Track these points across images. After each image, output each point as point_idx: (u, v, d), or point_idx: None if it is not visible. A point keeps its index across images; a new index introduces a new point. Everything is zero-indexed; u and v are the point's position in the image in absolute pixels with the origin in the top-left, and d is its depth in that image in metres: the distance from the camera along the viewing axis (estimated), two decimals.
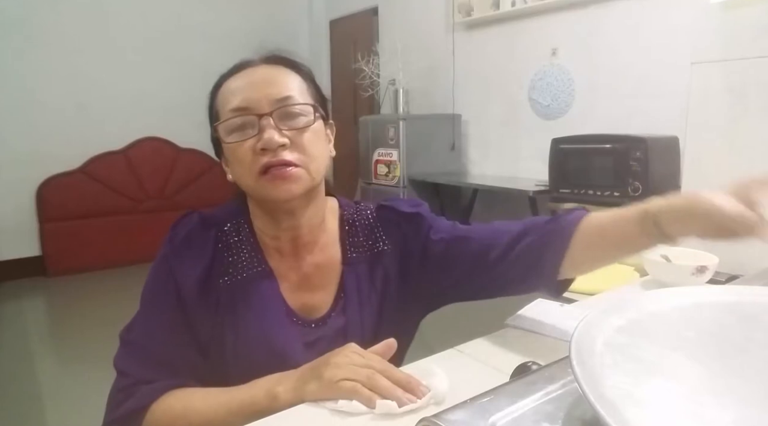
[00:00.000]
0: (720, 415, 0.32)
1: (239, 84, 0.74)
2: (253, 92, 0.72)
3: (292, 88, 0.74)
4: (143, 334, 0.73)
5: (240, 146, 0.71)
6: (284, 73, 0.76)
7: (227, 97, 0.74)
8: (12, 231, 3.85)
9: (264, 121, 0.70)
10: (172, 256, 0.75)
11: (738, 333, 0.43)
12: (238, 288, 0.75)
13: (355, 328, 0.79)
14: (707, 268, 0.91)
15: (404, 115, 3.55)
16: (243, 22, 4.66)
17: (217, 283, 0.75)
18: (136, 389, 0.69)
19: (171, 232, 0.77)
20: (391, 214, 0.85)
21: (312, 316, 0.79)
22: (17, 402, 2.21)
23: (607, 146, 2.31)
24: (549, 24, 3.05)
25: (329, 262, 0.81)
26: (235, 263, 0.77)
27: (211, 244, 0.76)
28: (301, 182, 0.71)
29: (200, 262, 0.75)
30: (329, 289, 0.80)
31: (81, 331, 2.98)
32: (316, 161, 0.73)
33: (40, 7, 3.84)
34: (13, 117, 3.81)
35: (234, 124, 0.72)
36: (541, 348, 0.77)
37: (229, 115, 0.72)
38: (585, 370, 0.34)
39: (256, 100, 0.71)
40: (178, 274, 0.74)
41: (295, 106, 0.73)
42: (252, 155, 0.70)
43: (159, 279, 0.75)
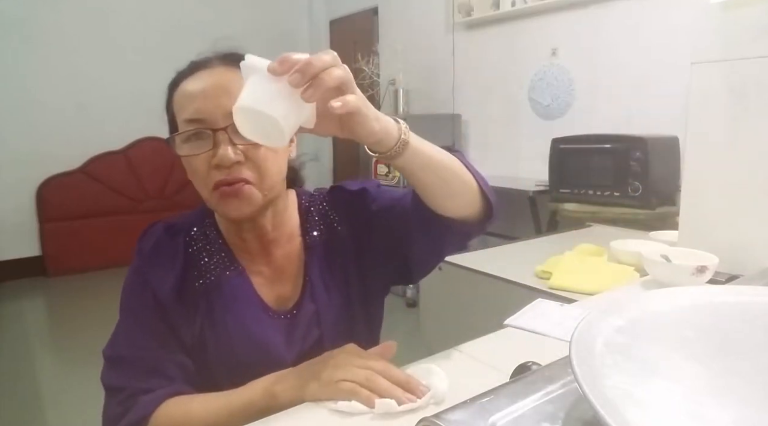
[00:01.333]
0: (720, 415, 0.32)
1: (193, 89, 0.71)
2: (207, 102, 0.69)
3: None
4: (128, 346, 0.73)
5: (194, 159, 0.69)
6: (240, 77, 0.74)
7: (182, 103, 0.72)
8: (12, 231, 3.85)
9: (219, 136, 0.67)
10: (144, 266, 0.75)
11: (738, 333, 0.43)
12: (213, 289, 0.75)
13: (327, 313, 0.79)
14: (707, 268, 0.91)
15: (404, 115, 3.55)
16: (243, 22, 4.67)
17: (193, 287, 0.75)
18: (134, 401, 0.68)
19: (138, 245, 0.77)
20: (341, 194, 0.85)
21: (285, 306, 0.79)
22: (17, 402, 2.21)
23: (607, 146, 2.31)
24: (549, 24, 3.05)
25: (293, 253, 0.82)
26: (207, 265, 0.77)
27: (181, 250, 0.76)
28: (252, 202, 0.70)
29: (173, 269, 0.74)
30: (296, 278, 0.81)
31: (81, 331, 2.98)
32: (270, 176, 0.71)
33: (40, 7, 3.84)
34: (13, 117, 3.81)
35: (186, 136, 0.70)
36: (541, 348, 0.77)
37: (184, 126, 0.70)
38: (585, 370, 0.34)
39: (210, 111, 0.68)
40: (153, 283, 0.73)
41: None
42: (206, 168, 0.69)
43: (134, 291, 0.75)
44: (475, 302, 1.31)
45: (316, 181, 4.98)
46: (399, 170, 0.65)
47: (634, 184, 2.19)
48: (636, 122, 2.62)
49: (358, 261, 0.82)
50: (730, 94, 0.93)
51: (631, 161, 2.20)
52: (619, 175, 2.25)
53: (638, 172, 2.18)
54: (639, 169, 2.18)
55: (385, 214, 0.80)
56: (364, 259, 0.82)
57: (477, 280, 1.30)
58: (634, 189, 2.20)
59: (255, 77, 0.53)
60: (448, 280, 1.38)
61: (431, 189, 0.67)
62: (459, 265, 1.36)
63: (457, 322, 1.36)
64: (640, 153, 2.17)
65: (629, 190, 2.21)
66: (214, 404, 0.67)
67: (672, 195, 2.19)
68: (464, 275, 1.33)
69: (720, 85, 0.94)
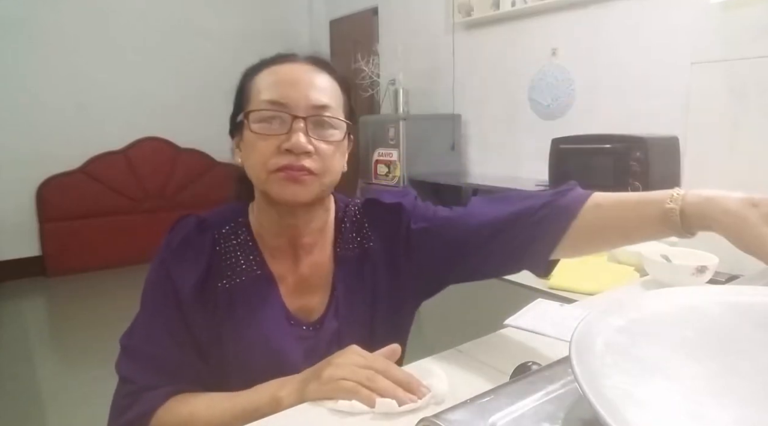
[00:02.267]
0: (720, 415, 0.32)
1: (280, 76, 0.73)
2: (293, 90, 0.71)
3: (331, 96, 0.74)
4: (144, 339, 0.73)
5: (265, 138, 0.70)
6: (326, 79, 0.75)
7: (265, 86, 0.72)
8: (12, 231, 3.85)
9: (297, 124, 0.69)
10: (169, 260, 0.74)
11: (738, 333, 0.43)
12: (238, 291, 0.75)
13: (348, 331, 0.78)
14: (707, 268, 0.91)
15: (404, 115, 3.55)
16: (243, 22, 4.67)
17: (215, 287, 0.74)
18: (140, 395, 0.69)
19: (167, 236, 0.77)
20: (376, 208, 0.85)
21: (309, 318, 0.78)
22: (17, 402, 2.21)
23: (607, 146, 2.31)
24: (549, 24, 3.05)
25: (324, 263, 0.81)
26: (233, 266, 0.76)
27: (208, 247, 0.75)
28: (310, 190, 0.71)
29: (197, 265, 0.74)
30: (324, 291, 0.80)
31: (81, 331, 2.98)
32: (332, 175, 0.73)
33: (40, 7, 3.84)
34: (13, 117, 3.81)
35: (265, 115, 0.71)
36: (541, 348, 0.77)
37: (265, 105, 0.71)
38: (585, 370, 0.34)
39: (295, 99, 0.70)
40: (175, 278, 0.73)
41: (331, 118, 0.72)
42: (275, 151, 0.69)
43: (157, 283, 0.74)
44: (475, 302, 1.31)
45: None
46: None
47: (634, 184, 2.19)
48: (636, 122, 2.61)
49: (390, 279, 0.81)
50: (730, 94, 0.93)
51: (631, 161, 2.20)
52: (619, 175, 2.25)
53: (638, 172, 2.18)
54: (639, 169, 2.18)
55: (430, 235, 0.80)
56: (398, 278, 0.82)
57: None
58: (634, 189, 2.20)
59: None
60: None
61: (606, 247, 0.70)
62: None
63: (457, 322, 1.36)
64: (640, 153, 2.17)
65: (629, 190, 2.21)
66: (220, 405, 0.67)
67: None
68: None
69: (720, 85, 0.94)
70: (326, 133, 0.72)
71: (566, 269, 1.17)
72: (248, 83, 0.76)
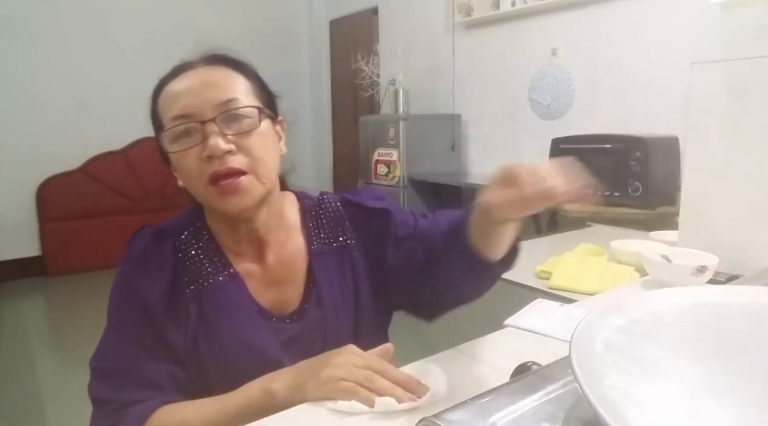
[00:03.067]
0: (720, 415, 0.32)
1: (179, 88, 0.71)
2: (193, 98, 0.69)
3: (235, 89, 0.71)
4: (115, 357, 0.71)
5: (185, 155, 0.69)
6: (226, 74, 0.73)
7: (168, 104, 0.71)
8: (12, 231, 3.85)
9: (207, 128, 0.67)
10: (132, 273, 0.72)
11: (738, 333, 0.43)
12: (206, 295, 0.73)
13: (334, 319, 0.78)
14: (707, 268, 0.91)
15: (404, 115, 3.55)
16: (243, 22, 4.66)
17: (183, 294, 0.73)
18: (124, 413, 0.66)
19: (127, 250, 0.75)
20: (358, 210, 0.84)
21: (285, 311, 0.78)
22: (17, 402, 2.21)
23: (607, 146, 2.31)
24: (549, 24, 3.05)
25: (293, 255, 0.80)
26: (198, 271, 0.74)
27: (170, 255, 0.74)
28: (252, 193, 0.70)
29: (162, 275, 0.72)
30: (297, 281, 0.79)
31: (81, 331, 2.98)
32: (264, 165, 0.71)
33: (40, 7, 3.84)
34: (13, 117, 3.81)
35: (177, 132, 0.69)
36: (541, 348, 0.77)
37: (171, 123, 0.69)
38: (585, 370, 0.34)
39: (198, 105, 0.68)
40: (141, 290, 0.71)
41: (238, 109, 0.70)
42: (198, 163, 0.68)
43: (121, 298, 0.73)
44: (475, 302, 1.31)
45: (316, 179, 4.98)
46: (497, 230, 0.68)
47: (634, 184, 2.19)
48: (636, 122, 2.61)
49: (373, 280, 0.82)
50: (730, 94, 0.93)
51: (631, 161, 2.20)
52: (619, 175, 2.25)
53: (638, 172, 2.18)
54: (639, 169, 2.18)
55: (414, 242, 0.80)
56: (381, 280, 0.82)
57: None
58: (634, 189, 2.20)
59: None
60: None
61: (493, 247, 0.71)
62: None
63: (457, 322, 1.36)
64: (640, 153, 2.17)
65: (629, 190, 2.21)
66: (209, 409, 0.66)
67: (672, 195, 2.19)
68: None
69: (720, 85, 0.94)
70: (241, 125, 0.70)
71: (566, 269, 1.17)
72: (155, 107, 0.74)
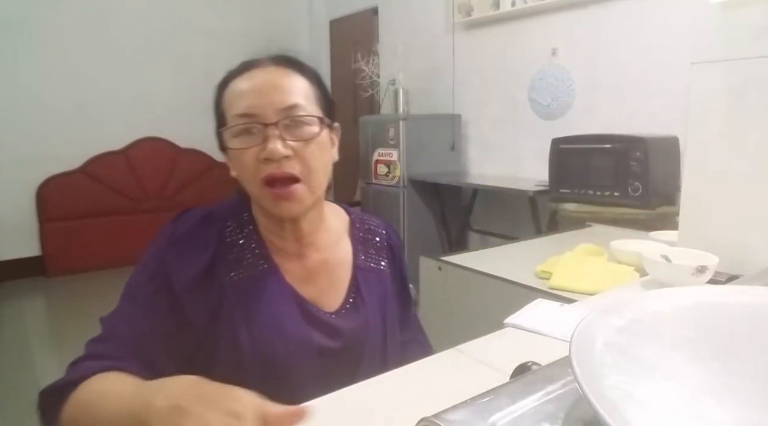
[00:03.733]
0: (720, 415, 0.32)
1: (245, 87, 0.73)
2: (258, 98, 0.71)
3: (299, 94, 0.73)
4: (116, 318, 0.72)
5: (244, 152, 0.71)
6: (291, 76, 0.75)
7: (233, 100, 0.73)
8: (12, 231, 3.85)
9: (269, 131, 0.70)
10: (168, 250, 0.73)
11: (738, 333, 0.43)
12: (247, 284, 0.75)
13: (371, 330, 0.81)
14: (707, 268, 0.91)
15: (404, 115, 3.55)
16: (243, 22, 4.67)
17: (221, 279, 0.74)
18: (80, 364, 0.67)
19: (170, 226, 0.76)
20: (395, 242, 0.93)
21: (323, 307, 0.80)
22: (17, 402, 2.21)
23: (607, 146, 2.31)
24: (549, 24, 3.05)
25: (341, 260, 0.84)
26: (239, 260, 0.76)
27: (214, 240, 0.75)
28: (303, 201, 0.73)
29: (202, 258, 0.73)
30: (340, 286, 0.82)
31: (81, 331, 2.96)
32: (318, 174, 0.74)
33: (40, 7, 3.84)
34: (13, 117, 3.81)
35: (238, 130, 0.72)
36: (541, 348, 0.77)
37: (235, 120, 0.72)
38: (585, 370, 0.34)
39: (262, 107, 0.71)
40: (171, 269, 0.72)
41: (300, 117, 0.72)
42: (255, 163, 0.71)
43: (147, 270, 0.73)
44: (475, 302, 1.31)
45: None
46: None
47: (634, 184, 2.19)
48: (636, 122, 2.62)
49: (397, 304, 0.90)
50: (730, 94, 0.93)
51: (631, 161, 2.20)
52: (619, 175, 2.25)
53: (638, 172, 2.18)
54: (639, 169, 2.18)
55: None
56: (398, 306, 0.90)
57: (477, 280, 1.29)
58: (634, 189, 2.20)
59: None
60: (448, 280, 1.38)
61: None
62: (459, 265, 1.36)
63: (457, 322, 1.36)
64: (640, 153, 2.17)
65: (629, 190, 2.21)
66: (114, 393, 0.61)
67: (672, 195, 2.19)
68: (464, 275, 1.33)
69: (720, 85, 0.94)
70: (302, 132, 0.72)
71: (566, 269, 1.17)
72: (220, 99, 0.77)
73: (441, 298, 1.44)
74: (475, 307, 1.31)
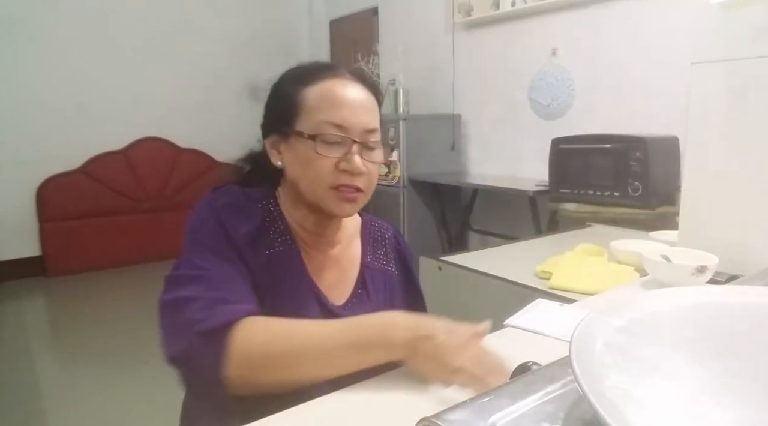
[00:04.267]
0: (720, 415, 0.32)
1: (340, 97, 0.77)
2: (353, 114, 0.77)
3: (378, 120, 0.82)
4: (200, 267, 0.70)
5: (324, 158, 0.75)
6: (371, 98, 0.81)
7: (325, 104, 0.76)
8: (12, 231, 3.85)
9: (355, 147, 0.76)
10: (220, 211, 0.75)
11: (738, 333, 0.43)
12: (277, 264, 0.78)
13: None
14: (707, 268, 0.91)
15: (404, 115, 3.55)
16: (243, 22, 4.67)
17: (260, 252, 0.77)
18: (218, 308, 0.64)
19: (210, 196, 0.78)
20: (404, 247, 0.96)
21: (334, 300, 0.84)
22: (17, 402, 2.21)
23: (607, 146, 2.31)
24: (549, 24, 3.05)
25: (347, 258, 0.88)
26: (273, 241, 0.79)
27: (259, 213, 0.79)
28: (357, 207, 0.80)
29: (250, 222, 0.77)
30: (346, 282, 0.86)
31: (81, 331, 2.98)
32: (373, 189, 0.82)
33: (40, 7, 3.84)
34: (13, 117, 3.81)
35: (332, 139, 0.76)
36: (541, 348, 0.77)
37: (327, 128, 0.75)
38: (585, 370, 0.34)
39: (355, 124, 0.76)
40: (228, 226, 0.74)
41: (377, 142, 0.80)
42: (333, 170, 0.76)
43: (207, 225, 0.74)
44: (475, 302, 1.31)
45: None
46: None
47: (634, 184, 2.19)
48: (636, 122, 2.62)
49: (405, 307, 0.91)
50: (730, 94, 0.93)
51: (631, 161, 2.20)
52: (619, 175, 2.25)
53: (638, 172, 2.18)
54: (639, 169, 2.18)
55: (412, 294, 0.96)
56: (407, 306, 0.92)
57: (477, 280, 1.30)
58: (634, 189, 2.20)
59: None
60: (448, 280, 1.38)
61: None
62: (459, 265, 1.36)
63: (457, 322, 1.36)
64: (640, 153, 2.17)
65: (629, 190, 2.21)
66: (319, 329, 0.66)
67: (672, 195, 2.19)
68: (464, 275, 1.33)
69: (720, 85, 0.94)
70: (374, 155, 0.80)
71: (566, 269, 1.17)
72: (295, 93, 0.78)
73: (441, 298, 1.44)
74: (475, 307, 1.31)
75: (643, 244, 1.21)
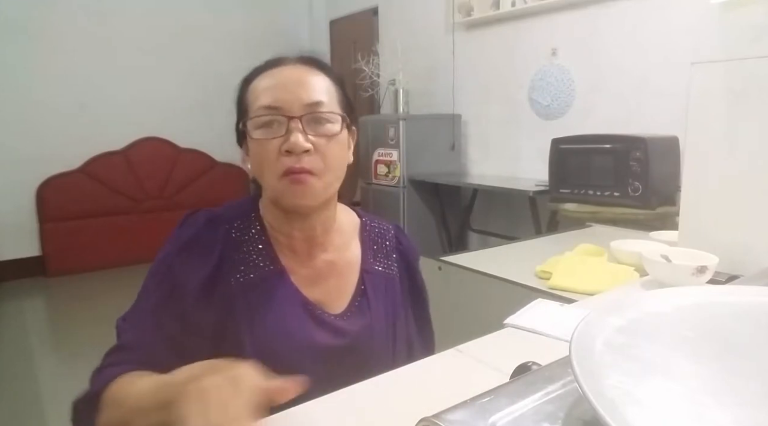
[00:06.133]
0: (720, 415, 0.32)
1: (272, 82, 0.75)
2: (285, 92, 0.73)
3: (323, 92, 0.75)
4: (130, 325, 0.73)
5: (265, 144, 0.72)
6: (316, 75, 0.77)
7: (258, 93, 0.75)
8: (12, 231, 3.85)
9: (292, 124, 0.71)
10: (174, 255, 0.74)
11: (738, 333, 0.43)
12: (251, 286, 0.75)
13: (378, 332, 0.81)
14: (707, 268, 0.91)
15: (404, 115, 3.55)
16: (243, 23, 4.67)
17: (227, 282, 0.74)
18: (101, 373, 0.69)
19: (176, 232, 0.77)
20: (408, 248, 0.94)
21: (331, 310, 0.80)
22: (17, 402, 2.21)
23: (607, 146, 2.31)
24: (549, 24, 3.05)
25: (345, 262, 0.83)
26: (245, 261, 0.76)
27: (220, 242, 0.76)
28: (315, 193, 0.74)
29: (207, 262, 0.74)
30: (347, 288, 0.82)
31: (81, 331, 2.98)
32: (333, 172, 0.75)
33: (40, 7, 3.85)
34: (13, 117, 3.81)
35: (262, 121, 0.73)
36: (541, 348, 0.77)
37: (259, 112, 0.73)
38: (585, 370, 0.34)
39: (288, 101, 0.72)
40: (178, 274, 0.73)
41: (324, 113, 0.74)
42: (276, 156, 0.72)
43: (157, 273, 0.75)
44: (475, 302, 1.31)
45: None
46: None
47: (634, 184, 2.19)
48: (636, 122, 2.62)
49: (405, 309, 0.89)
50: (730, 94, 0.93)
51: (631, 161, 2.20)
52: (619, 175, 2.25)
53: (638, 172, 2.18)
54: (639, 169, 2.18)
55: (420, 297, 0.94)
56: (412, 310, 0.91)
57: (477, 280, 1.29)
58: (634, 189, 2.20)
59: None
60: (448, 280, 1.38)
61: None
62: (459, 265, 1.36)
63: (457, 322, 1.36)
64: (640, 153, 2.17)
65: (629, 190, 2.21)
66: (141, 386, 0.62)
67: (672, 195, 2.19)
68: (464, 275, 1.33)
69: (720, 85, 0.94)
70: (323, 129, 0.74)
71: (566, 269, 1.17)
72: (245, 92, 0.78)
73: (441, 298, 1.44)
74: (475, 307, 1.31)
75: (643, 244, 1.21)
